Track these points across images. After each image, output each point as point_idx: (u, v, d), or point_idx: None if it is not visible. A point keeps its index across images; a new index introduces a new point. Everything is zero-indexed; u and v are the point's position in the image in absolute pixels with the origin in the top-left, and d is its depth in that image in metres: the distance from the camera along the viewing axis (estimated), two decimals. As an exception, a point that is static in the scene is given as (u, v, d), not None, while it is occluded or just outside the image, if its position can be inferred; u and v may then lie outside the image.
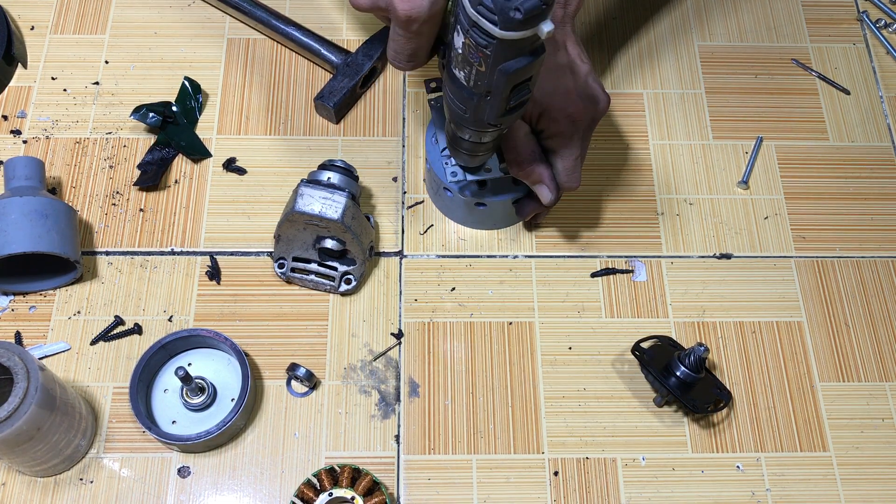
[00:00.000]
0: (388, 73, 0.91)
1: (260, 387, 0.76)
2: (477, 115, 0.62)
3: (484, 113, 0.62)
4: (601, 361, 0.78)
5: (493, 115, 0.61)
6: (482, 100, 0.60)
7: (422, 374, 0.77)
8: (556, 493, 0.73)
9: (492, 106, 0.60)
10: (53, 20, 0.93)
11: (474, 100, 0.61)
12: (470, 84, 0.60)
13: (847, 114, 0.91)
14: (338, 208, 0.73)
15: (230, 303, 0.79)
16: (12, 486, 0.72)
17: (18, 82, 0.89)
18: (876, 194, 0.87)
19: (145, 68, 0.90)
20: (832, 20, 0.96)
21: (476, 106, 0.61)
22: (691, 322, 0.80)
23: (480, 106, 0.61)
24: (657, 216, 0.85)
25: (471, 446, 0.74)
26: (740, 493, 0.73)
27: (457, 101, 0.63)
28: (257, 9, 0.90)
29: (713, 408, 0.74)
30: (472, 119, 0.63)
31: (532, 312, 0.80)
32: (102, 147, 0.86)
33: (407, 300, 0.80)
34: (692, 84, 0.92)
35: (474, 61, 0.57)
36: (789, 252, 0.83)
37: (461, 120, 0.64)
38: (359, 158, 0.86)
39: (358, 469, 0.70)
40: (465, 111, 0.63)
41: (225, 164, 0.85)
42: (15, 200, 0.74)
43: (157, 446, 0.73)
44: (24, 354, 0.64)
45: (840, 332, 0.80)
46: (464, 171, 0.76)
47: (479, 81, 0.59)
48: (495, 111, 0.61)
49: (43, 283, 0.79)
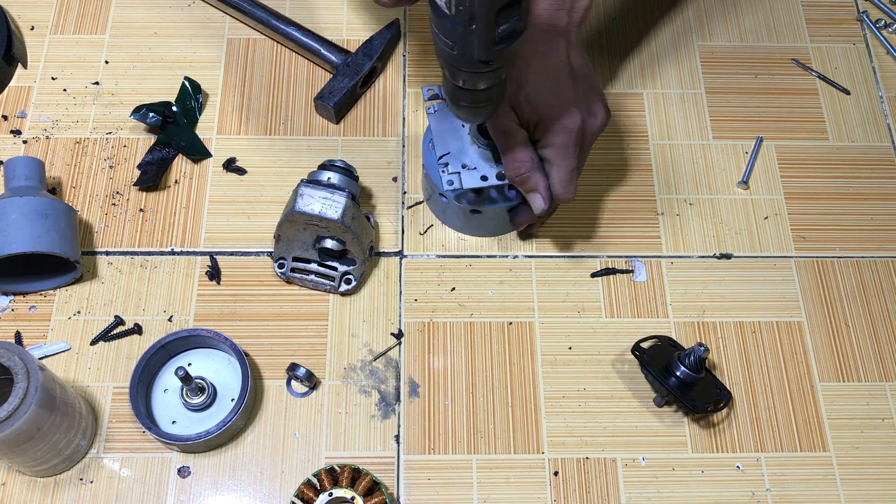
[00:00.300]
0: (388, 73, 0.91)
1: (260, 387, 0.76)
2: (465, 50, 0.58)
3: (472, 46, 0.57)
4: (601, 361, 0.78)
5: (482, 46, 0.57)
6: (467, 29, 0.56)
7: (422, 374, 0.77)
8: (556, 493, 0.73)
9: (478, 35, 0.56)
10: (53, 20, 0.93)
11: (459, 29, 0.56)
12: (452, 11, 0.55)
13: (847, 114, 0.91)
14: (338, 208, 0.73)
15: (230, 303, 0.79)
16: (12, 486, 0.72)
17: (18, 82, 0.89)
18: (876, 194, 0.87)
19: (145, 68, 0.90)
20: (832, 20, 0.96)
21: (462, 37, 0.57)
22: (691, 322, 0.80)
23: (467, 37, 0.57)
24: (657, 216, 0.85)
25: (471, 446, 0.74)
26: (740, 493, 0.73)
27: (442, 37, 0.58)
28: (257, 9, 0.90)
29: (713, 408, 0.74)
30: (460, 56, 0.58)
31: (532, 312, 0.80)
32: (102, 147, 0.86)
33: (407, 300, 0.80)
34: (692, 84, 0.92)
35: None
36: (789, 252, 0.83)
37: (451, 59, 0.60)
38: (359, 158, 0.86)
39: (358, 469, 0.70)
40: (452, 46, 0.58)
41: (225, 164, 0.85)
42: (15, 200, 0.74)
43: (157, 446, 0.73)
44: (24, 354, 0.64)
45: (840, 332, 0.80)
46: (460, 180, 0.74)
47: (461, 6, 0.54)
48: (483, 41, 0.57)
49: (43, 283, 0.79)
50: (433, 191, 0.80)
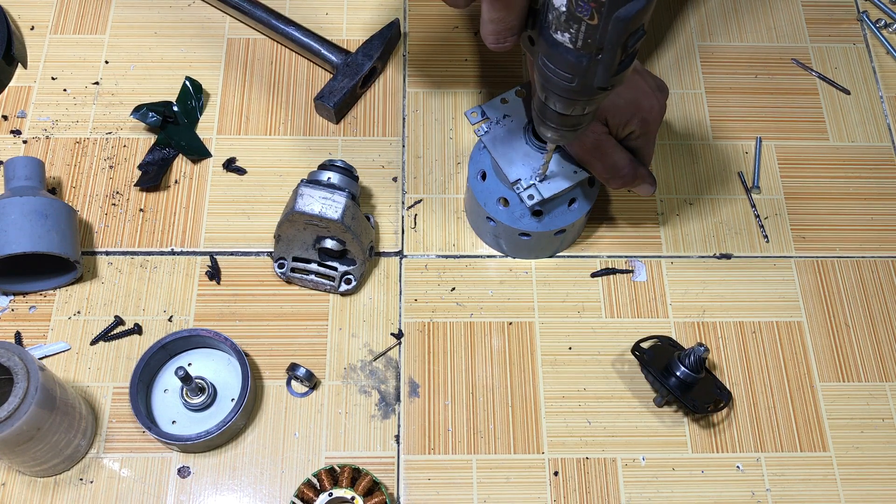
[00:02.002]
0: (388, 73, 0.91)
1: (260, 387, 0.76)
2: (586, 81, 0.56)
3: (595, 76, 0.56)
4: (601, 361, 0.78)
5: (605, 75, 0.56)
6: (592, 60, 0.55)
7: (422, 374, 0.77)
8: (556, 493, 0.73)
9: (604, 65, 0.55)
10: (53, 20, 0.93)
11: (584, 63, 0.55)
12: (577, 45, 0.54)
13: (847, 114, 0.91)
14: (338, 208, 0.73)
15: (230, 303, 0.79)
16: (12, 486, 0.72)
17: (18, 82, 0.89)
18: (876, 194, 0.87)
19: (145, 68, 0.90)
20: (832, 20, 0.96)
21: (586, 69, 0.55)
22: (691, 322, 0.80)
23: (591, 68, 0.55)
24: (657, 216, 0.85)
25: (471, 446, 0.74)
26: (740, 493, 0.73)
27: (559, 70, 0.57)
28: (257, 9, 0.90)
29: (713, 408, 0.74)
30: (579, 87, 0.57)
31: (532, 312, 0.80)
32: (102, 147, 0.86)
33: (407, 300, 0.80)
34: (692, 84, 0.92)
35: (584, 15, 0.52)
36: (789, 252, 0.83)
37: (566, 91, 0.58)
38: (359, 158, 0.86)
39: (358, 469, 0.70)
40: (571, 79, 0.57)
41: (225, 164, 0.85)
42: (15, 200, 0.74)
43: (157, 446, 0.73)
44: (24, 354, 0.64)
45: (840, 332, 0.80)
46: (539, 192, 0.72)
47: (590, 38, 0.53)
48: (607, 70, 0.55)
49: (43, 283, 0.79)
50: (478, 216, 0.79)
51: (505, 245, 0.80)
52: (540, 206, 0.74)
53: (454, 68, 0.91)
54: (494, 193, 0.76)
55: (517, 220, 0.76)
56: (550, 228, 0.76)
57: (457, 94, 0.90)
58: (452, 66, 0.92)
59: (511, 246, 0.80)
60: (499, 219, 0.76)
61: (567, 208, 0.76)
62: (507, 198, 0.75)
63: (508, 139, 0.74)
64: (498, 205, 0.76)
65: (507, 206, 0.76)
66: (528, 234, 0.77)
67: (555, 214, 0.76)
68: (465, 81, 0.91)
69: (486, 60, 0.92)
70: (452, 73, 0.91)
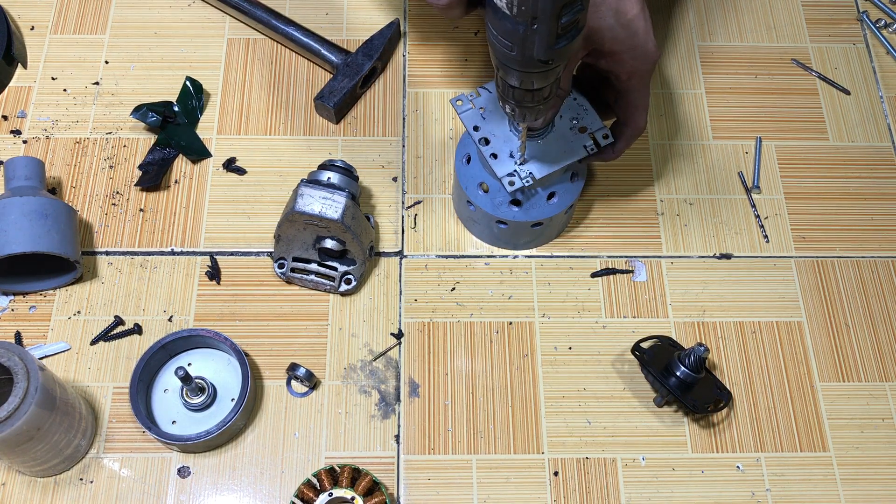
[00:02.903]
0: (388, 73, 0.91)
1: (260, 387, 0.76)
2: (525, 51, 0.56)
3: (533, 46, 0.55)
4: (601, 361, 0.78)
5: (543, 47, 0.55)
6: (528, 29, 0.54)
7: (422, 374, 0.77)
8: (556, 493, 0.73)
9: (540, 35, 0.54)
10: (53, 20, 0.93)
11: (520, 31, 0.54)
12: (513, 12, 0.53)
13: (847, 114, 0.91)
14: (338, 208, 0.73)
15: (230, 303, 0.79)
16: (12, 486, 0.72)
17: (18, 82, 0.89)
18: (876, 194, 0.87)
19: (145, 68, 0.90)
20: (832, 20, 0.96)
21: (523, 39, 0.55)
22: (691, 322, 0.80)
23: (528, 38, 0.55)
24: (657, 216, 0.85)
25: (471, 446, 0.74)
26: (740, 493, 0.73)
27: (500, 38, 0.56)
28: (257, 9, 0.90)
29: (713, 408, 0.74)
30: (519, 57, 0.56)
31: (532, 312, 0.80)
32: (102, 147, 0.86)
33: (407, 300, 0.80)
34: (692, 84, 0.92)
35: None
36: (789, 252, 0.83)
37: (508, 60, 0.58)
38: (359, 158, 0.86)
39: (358, 469, 0.70)
40: (510, 47, 0.56)
41: (225, 164, 0.85)
42: (15, 200, 0.74)
43: (157, 446, 0.73)
44: (24, 354, 0.64)
45: (840, 332, 0.80)
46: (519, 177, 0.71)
47: (523, 6, 0.53)
48: (544, 42, 0.55)
49: (43, 283, 0.79)
50: (460, 199, 0.79)
51: (484, 233, 0.81)
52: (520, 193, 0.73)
53: (454, 68, 0.91)
54: (476, 178, 0.76)
55: (496, 207, 0.76)
56: (527, 220, 0.76)
57: (457, 95, 0.90)
58: (452, 66, 0.92)
59: (489, 234, 0.80)
60: (478, 204, 0.76)
61: (546, 202, 0.76)
62: (487, 183, 0.75)
63: (492, 123, 0.73)
64: (478, 190, 0.76)
65: (487, 192, 0.76)
66: (505, 223, 0.77)
67: (533, 204, 0.76)
68: (465, 81, 0.91)
69: (486, 61, 0.92)
70: (452, 73, 0.91)
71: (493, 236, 0.81)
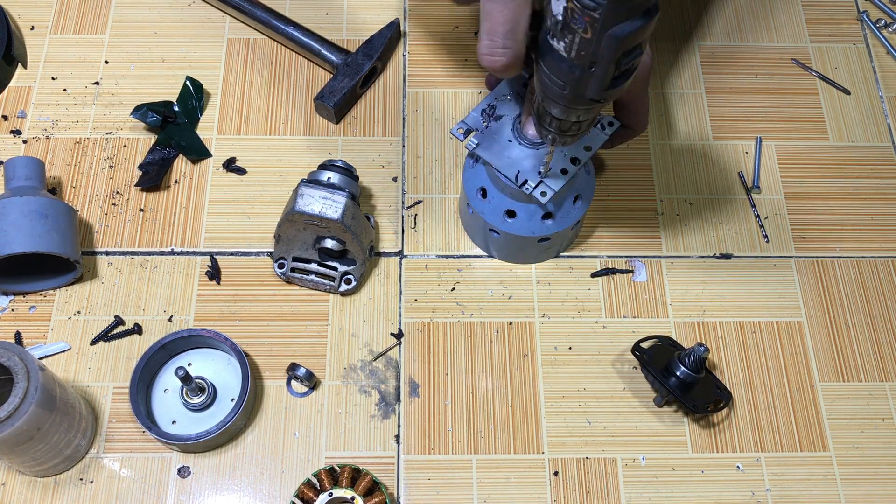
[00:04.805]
0: (388, 73, 0.91)
1: (260, 387, 0.76)
2: (577, 90, 0.56)
3: (586, 87, 0.55)
4: (601, 361, 0.78)
5: (597, 88, 0.55)
6: (585, 73, 0.54)
7: (422, 374, 0.77)
8: (556, 493, 0.73)
9: (596, 78, 0.54)
10: (53, 20, 0.93)
11: (576, 73, 0.54)
12: (571, 55, 0.53)
13: (847, 114, 0.91)
14: (338, 208, 0.73)
15: (230, 303, 0.79)
16: (12, 486, 0.72)
17: (18, 82, 0.89)
18: (876, 194, 0.87)
19: (145, 68, 0.90)
20: (832, 20, 0.96)
21: (577, 80, 0.55)
22: (691, 322, 0.80)
23: (583, 80, 0.55)
24: (657, 216, 0.85)
25: (471, 446, 0.74)
26: (740, 493, 0.73)
27: (554, 77, 0.56)
28: (257, 9, 0.90)
29: (713, 408, 0.74)
30: (571, 95, 0.57)
31: (532, 312, 0.80)
32: (102, 147, 0.86)
33: (407, 300, 0.80)
34: (692, 84, 0.92)
35: (578, 28, 0.51)
36: (789, 252, 0.83)
37: (559, 98, 0.58)
38: (359, 158, 0.86)
39: (358, 469, 0.70)
40: (563, 87, 0.56)
41: (225, 164, 0.85)
42: (15, 200, 0.74)
43: (157, 446, 0.73)
44: (24, 354, 0.64)
45: (840, 332, 0.80)
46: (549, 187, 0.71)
47: (583, 51, 0.52)
48: (599, 84, 0.55)
49: (43, 283, 0.79)
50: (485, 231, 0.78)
51: (518, 256, 0.80)
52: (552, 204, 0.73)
53: (454, 68, 0.91)
54: (499, 208, 0.74)
55: (532, 227, 0.75)
56: (565, 226, 0.75)
57: (457, 94, 0.90)
58: (452, 66, 0.92)
59: (525, 255, 0.80)
60: (510, 231, 0.75)
61: (573, 205, 0.76)
62: (514, 210, 0.74)
63: (499, 146, 0.73)
64: (505, 218, 0.75)
65: (516, 218, 0.75)
66: (548, 238, 0.76)
67: (565, 211, 0.75)
68: (465, 81, 0.91)
69: (486, 60, 0.92)
70: (452, 73, 0.91)
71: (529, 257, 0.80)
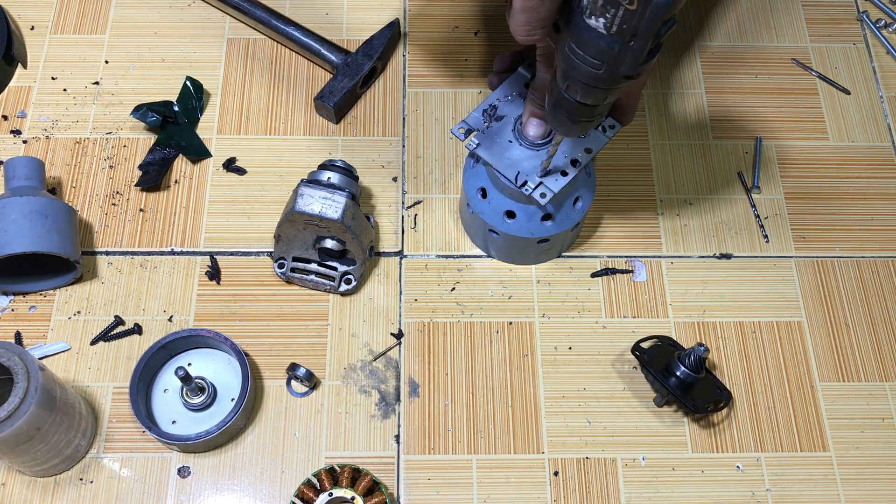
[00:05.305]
0: (388, 73, 0.91)
1: (260, 387, 0.76)
2: (614, 68, 0.55)
3: (623, 63, 0.55)
4: (601, 361, 0.78)
5: (634, 63, 0.55)
6: (624, 47, 0.54)
7: (422, 374, 0.77)
8: (556, 493, 0.73)
9: (634, 52, 0.54)
10: (53, 20, 0.93)
11: (615, 49, 0.54)
12: (612, 30, 0.53)
13: (847, 114, 0.91)
14: (338, 208, 0.73)
15: (230, 303, 0.79)
16: (12, 486, 0.72)
17: (18, 82, 0.89)
18: (876, 194, 0.87)
19: (145, 68, 0.90)
20: (832, 20, 0.96)
21: (616, 56, 0.54)
22: (691, 322, 0.80)
23: (621, 55, 0.54)
24: (657, 216, 0.85)
25: (471, 446, 0.74)
26: (740, 493, 0.73)
27: (589, 57, 0.55)
28: (257, 9, 0.90)
29: (713, 408, 0.74)
30: (605, 74, 0.56)
31: (532, 312, 0.80)
32: (102, 147, 0.86)
33: (407, 300, 0.80)
34: (692, 84, 0.92)
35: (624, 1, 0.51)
36: (789, 252, 0.83)
37: (592, 79, 0.57)
38: (359, 158, 0.86)
39: (358, 469, 0.70)
40: (599, 66, 0.56)
41: (225, 164, 0.85)
42: (15, 200, 0.74)
43: (157, 446, 0.73)
44: (24, 354, 0.64)
45: (840, 332, 0.80)
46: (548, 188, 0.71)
47: (626, 24, 0.52)
48: (635, 58, 0.55)
49: (43, 283, 0.79)
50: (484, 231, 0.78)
51: (518, 257, 0.80)
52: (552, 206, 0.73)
53: (454, 68, 0.91)
54: (499, 208, 0.75)
55: (532, 228, 0.75)
56: (565, 227, 0.75)
57: (457, 94, 0.90)
58: (452, 66, 0.92)
59: (525, 256, 0.80)
60: (509, 232, 0.75)
61: (573, 206, 0.76)
62: (513, 210, 0.74)
63: (499, 146, 0.73)
64: (505, 219, 0.75)
65: (515, 218, 0.75)
66: (548, 239, 0.76)
67: (565, 212, 0.75)
68: (465, 81, 0.91)
69: (485, 60, 0.92)
70: (452, 73, 0.91)
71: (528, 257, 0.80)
